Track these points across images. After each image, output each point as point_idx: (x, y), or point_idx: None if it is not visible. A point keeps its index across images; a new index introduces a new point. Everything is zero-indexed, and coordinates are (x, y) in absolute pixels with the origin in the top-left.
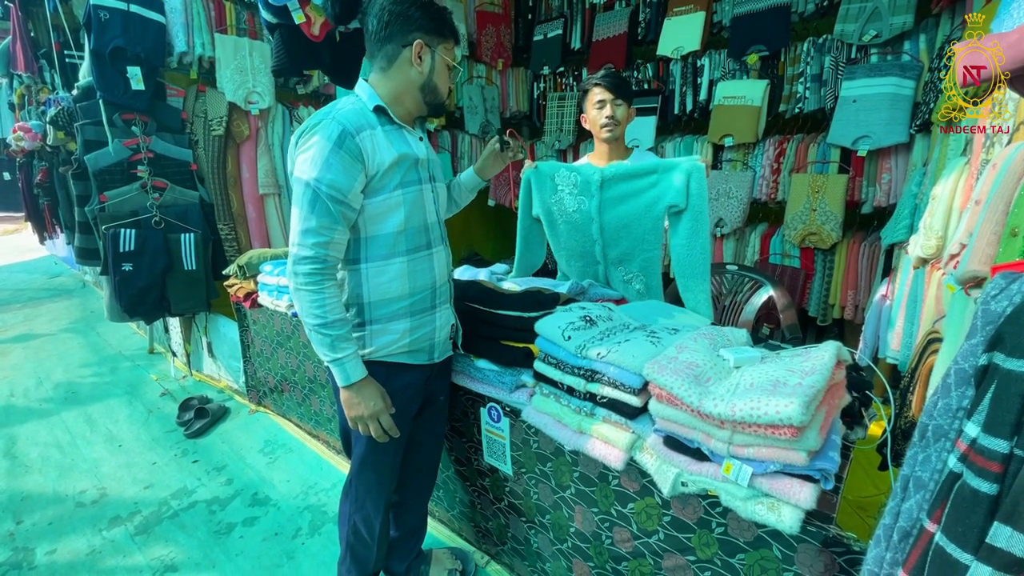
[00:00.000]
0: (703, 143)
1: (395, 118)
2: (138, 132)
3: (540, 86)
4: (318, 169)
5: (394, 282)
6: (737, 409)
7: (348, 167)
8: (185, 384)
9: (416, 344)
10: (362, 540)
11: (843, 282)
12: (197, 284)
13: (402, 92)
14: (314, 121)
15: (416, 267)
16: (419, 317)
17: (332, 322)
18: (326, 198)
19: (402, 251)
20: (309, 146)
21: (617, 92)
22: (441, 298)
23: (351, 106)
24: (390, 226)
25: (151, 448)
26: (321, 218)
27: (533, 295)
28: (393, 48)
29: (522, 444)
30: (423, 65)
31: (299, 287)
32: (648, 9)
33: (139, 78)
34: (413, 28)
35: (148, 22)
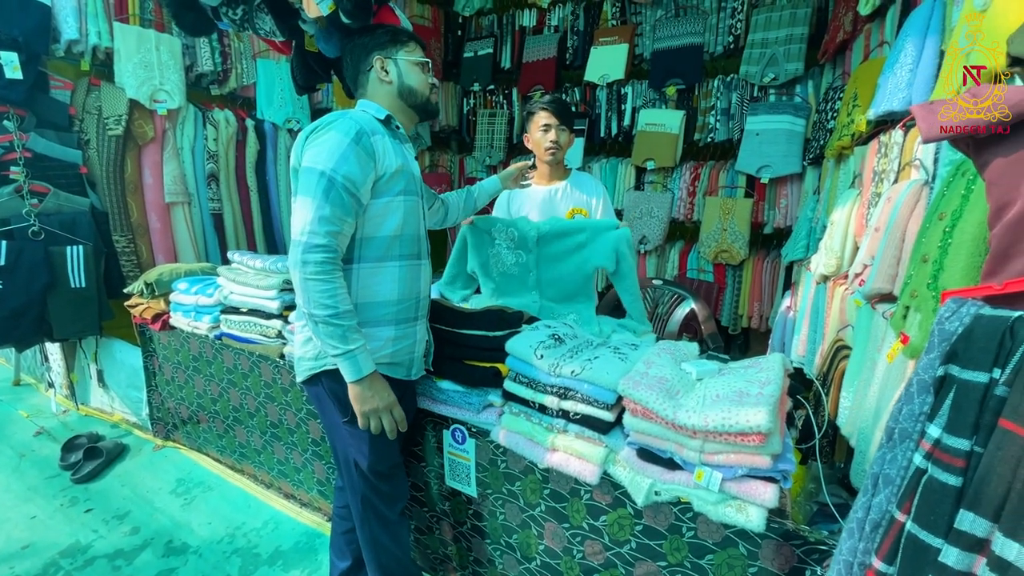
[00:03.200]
0: (627, 165)
1: (401, 131)
2: (11, 128)
3: (470, 102)
4: (335, 160)
5: (384, 285)
6: (709, 420)
7: (363, 162)
8: (67, 420)
9: (397, 356)
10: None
11: (750, 294)
12: (87, 304)
13: (393, 106)
14: (329, 120)
15: (406, 275)
16: (403, 327)
17: (343, 312)
18: (341, 188)
19: (395, 256)
20: (324, 140)
21: (561, 118)
22: (422, 311)
23: (362, 114)
24: (387, 229)
25: (27, 499)
26: (335, 207)
27: (496, 313)
28: (363, 76)
29: (488, 465)
30: (390, 75)
31: (309, 276)
32: (575, 37)
33: (16, 65)
34: (369, 50)
35: (28, 2)
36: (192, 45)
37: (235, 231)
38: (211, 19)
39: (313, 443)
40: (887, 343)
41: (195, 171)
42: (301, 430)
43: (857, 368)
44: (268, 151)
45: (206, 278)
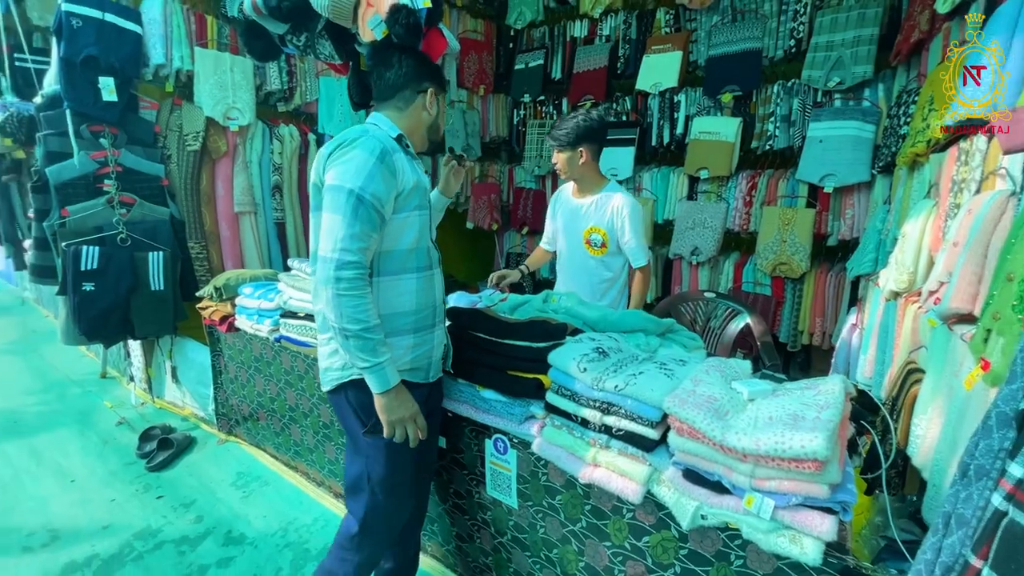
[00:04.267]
0: (679, 174)
1: (412, 149)
2: (107, 144)
3: (520, 113)
4: (363, 178)
5: (403, 296)
6: (761, 443)
7: (387, 180)
8: (144, 412)
9: (417, 362)
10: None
11: (811, 310)
12: (164, 305)
13: (413, 129)
14: (352, 136)
15: (422, 285)
16: (421, 334)
17: (374, 327)
18: (369, 206)
19: (412, 268)
20: (350, 158)
21: (556, 140)
22: (439, 317)
23: (379, 132)
24: (404, 243)
25: (108, 483)
26: (364, 224)
27: (540, 325)
28: (409, 93)
29: (530, 477)
30: (433, 109)
31: (341, 292)
32: (627, 46)
33: (111, 89)
34: (425, 79)
35: (124, 32)
36: (262, 65)
37: (296, 239)
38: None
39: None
40: (965, 368)
41: (261, 183)
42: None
43: (931, 394)
44: None
45: (268, 283)
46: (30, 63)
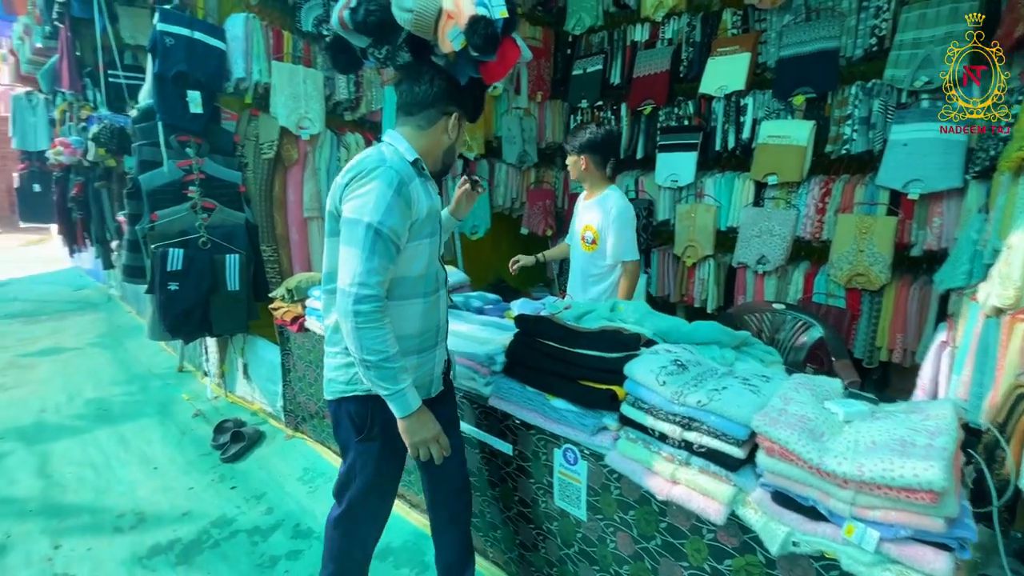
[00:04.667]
0: (745, 180)
1: (426, 171)
2: (192, 154)
3: (577, 118)
4: (381, 213)
5: (409, 320)
6: (866, 469)
7: (403, 212)
8: (218, 405)
9: (418, 380)
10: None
11: (891, 325)
12: (239, 305)
13: (430, 150)
14: (370, 166)
15: (428, 308)
16: (424, 354)
17: (394, 355)
18: (387, 240)
19: (420, 293)
20: (368, 190)
21: (567, 145)
22: (440, 336)
23: (395, 156)
24: (414, 270)
25: (187, 472)
26: (382, 258)
27: (612, 335)
28: (435, 113)
29: (601, 489)
30: (454, 133)
31: (361, 325)
32: (691, 48)
33: (198, 102)
34: (453, 102)
35: (210, 49)
36: (332, 77)
37: None
38: (359, 58)
39: None
40: None
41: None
42: None
43: None
44: None
45: None
46: (122, 79)
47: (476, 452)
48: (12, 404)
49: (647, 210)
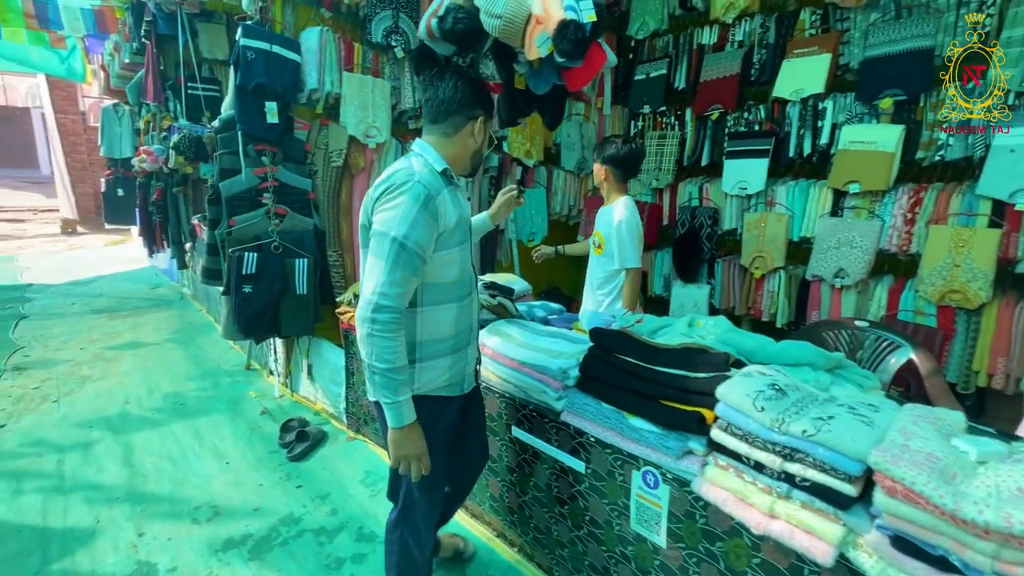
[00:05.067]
0: (821, 188)
1: (455, 179)
2: (267, 162)
3: (638, 124)
4: (407, 227)
5: (443, 324)
6: (1016, 521)
7: (430, 226)
8: (283, 404)
9: (453, 378)
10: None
11: (991, 347)
12: (306, 308)
13: (458, 156)
14: (399, 181)
15: (462, 312)
16: (458, 354)
17: (400, 367)
18: (411, 253)
19: (453, 298)
20: (396, 204)
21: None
22: (473, 336)
23: (425, 168)
24: (447, 277)
25: (256, 468)
26: (404, 271)
27: (697, 353)
28: (460, 119)
29: (684, 517)
30: (480, 136)
31: (375, 333)
32: (763, 50)
33: (274, 112)
34: (477, 105)
35: (287, 61)
36: (398, 86)
37: None
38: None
39: (491, 459)
40: None
41: None
42: None
43: None
44: None
45: None
46: (200, 91)
47: (545, 467)
48: (100, 395)
49: (711, 219)
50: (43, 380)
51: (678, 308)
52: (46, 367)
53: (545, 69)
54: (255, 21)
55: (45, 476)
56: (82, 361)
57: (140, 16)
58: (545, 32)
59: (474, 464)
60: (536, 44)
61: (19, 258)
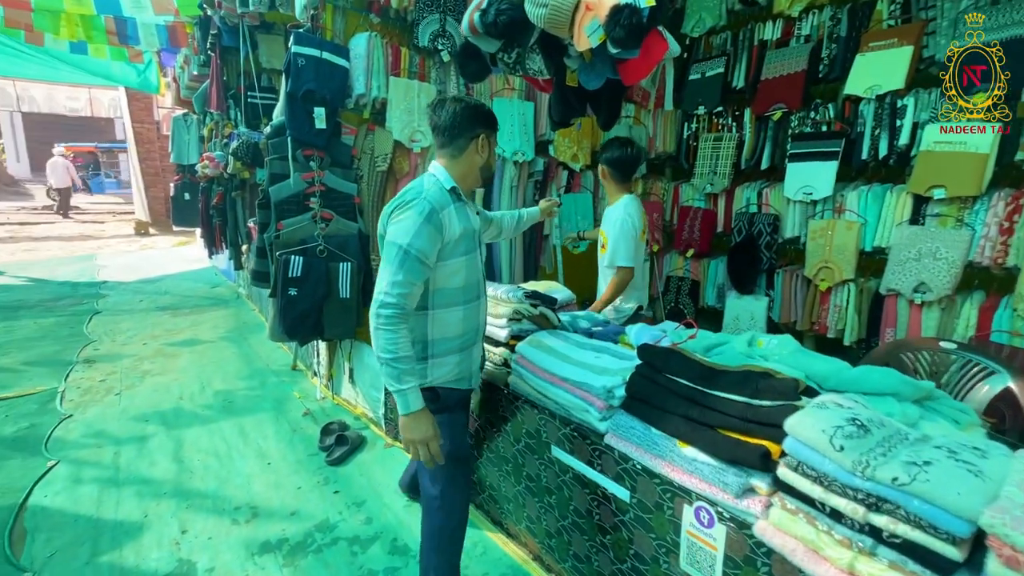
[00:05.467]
0: (899, 193)
1: (463, 195)
2: (315, 167)
3: (692, 126)
4: (411, 236)
5: (452, 325)
6: None
7: (432, 237)
8: (324, 406)
9: (461, 373)
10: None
11: None
12: (348, 312)
13: (467, 173)
14: (409, 198)
15: (469, 313)
16: (466, 352)
17: (402, 358)
18: (414, 259)
19: (461, 301)
20: (404, 218)
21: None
22: (480, 334)
23: (435, 187)
24: (455, 283)
25: (296, 471)
26: (408, 274)
27: (761, 378)
28: (463, 141)
29: (743, 562)
30: (484, 152)
31: (380, 327)
32: (833, 45)
33: (323, 118)
34: (477, 125)
35: (335, 67)
36: (444, 90)
37: None
38: (488, 65)
39: (528, 478)
40: None
41: None
42: (516, 462)
43: None
44: (495, 181)
45: None
46: (258, 99)
47: (587, 492)
48: (158, 389)
49: (771, 226)
50: (109, 373)
51: (733, 321)
52: (112, 361)
53: (598, 62)
54: (307, 29)
55: (103, 467)
56: (144, 356)
57: (207, 30)
58: (596, 19)
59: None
60: (586, 33)
61: (98, 256)
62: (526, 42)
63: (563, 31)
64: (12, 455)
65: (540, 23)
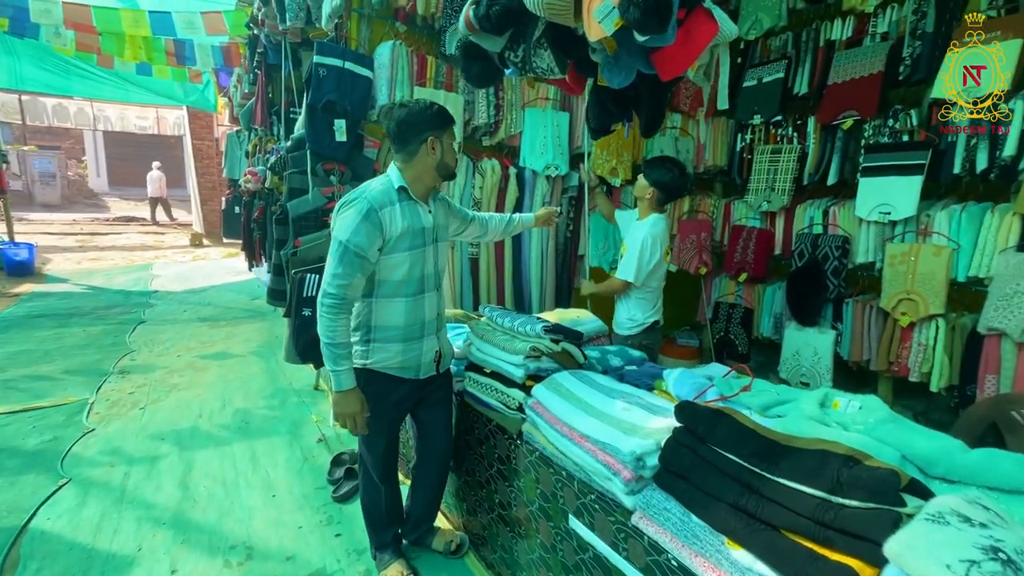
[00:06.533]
0: (1002, 213)
1: (413, 195)
2: (335, 181)
3: (746, 137)
4: (349, 233)
5: (394, 315)
6: None
7: (370, 233)
8: (340, 432)
9: (406, 363)
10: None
11: None
12: None
13: (421, 175)
14: (351, 198)
15: (411, 307)
16: (409, 343)
17: (338, 343)
18: (352, 254)
19: (403, 293)
20: (345, 215)
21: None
22: (428, 330)
23: (381, 186)
24: (397, 275)
25: (300, 506)
26: (346, 267)
27: (843, 461)
28: (413, 146)
29: None
30: (436, 153)
31: (322, 314)
32: (917, 42)
33: (343, 130)
34: (424, 129)
35: (358, 78)
36: (472, 100)
37: (488, 277)
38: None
39: (543, 547)
40: None
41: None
42: (529, 525)
43: None
44: (525, 198)
45: (459, 326)
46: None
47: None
48: (180, 405)
49: (840, 249)
50: (139, 386)
51: (792, 356)
52: (145, 372)
53: (623, 53)
54: (331, 38)
55: (110, 489)
56: (175, 369)
57: (255, 49)
58: (609, 1)
59: (433, 457)
60: (597, 19)
61: (154, 266)
62: (530, 36)
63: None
64: (28, 470)
65: (540, 11)
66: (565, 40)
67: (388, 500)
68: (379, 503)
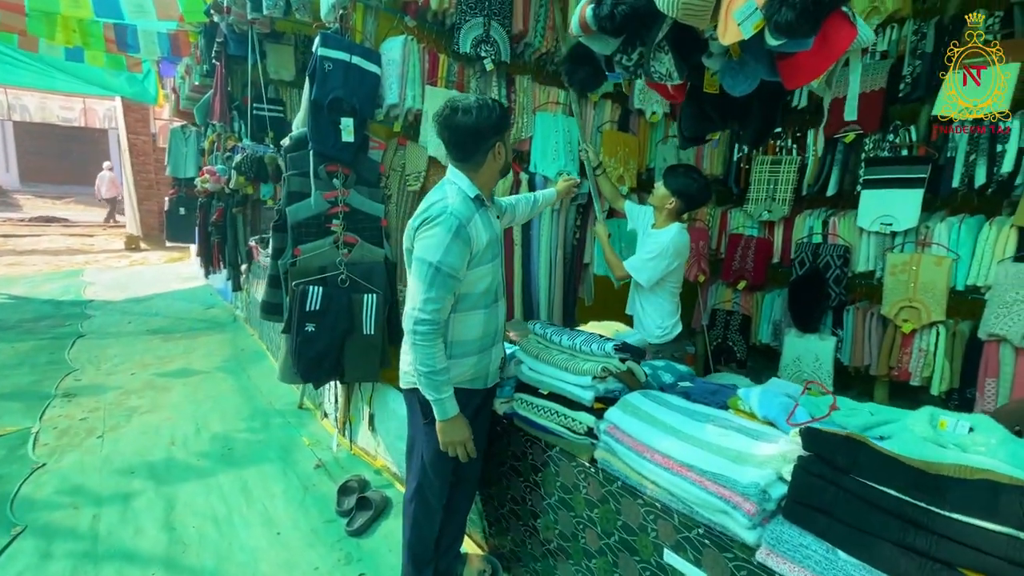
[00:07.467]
0: (1000, 226)
1: (486, 201)
2: (339, 185)
3: (743, 148)
4: (440, 253)
5: (473, 328)
6: None
7: (461, 251)
8: (339, 456)
9: (477, 373)
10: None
11: None
12: (373, 351)
13: (489, 180)
14: (435, 213)
15: (489, 317)
16: (483, 353)
17: (440, 370)
18: (445, 275)
19: (482, 305)
20: (432, 234)
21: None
22: (498, 338)
23: (458, 197)
24: (479, 288)
25: (311, 544)
26: (439, 290)
27: (1021, 491)
28: (480, 155)
29: None
30: (502, 156)
31: (416, 343)
32: (917, 61)
33: (351, 129)
34: (490, 135)
35: (366, 74)
36: None
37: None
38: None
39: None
40: None
41: None
42: (606, 558)
43: None
44: None
45: None
46: (265, 111)
47: None
48: (146, 431)
49: (841, 258)
50: (91, 410)
51: (793, 361)
52: (95, 394)
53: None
54: (334, 30)
55: (78, 537)
56: (132, 389)
57: (212, 37)
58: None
59: (473, 474)
60: (736, 21)
61: (85, 272)
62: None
63: (703, 21)
64: None
65: (673, 13)
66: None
67: (440, 529)
68: (430, 537)
